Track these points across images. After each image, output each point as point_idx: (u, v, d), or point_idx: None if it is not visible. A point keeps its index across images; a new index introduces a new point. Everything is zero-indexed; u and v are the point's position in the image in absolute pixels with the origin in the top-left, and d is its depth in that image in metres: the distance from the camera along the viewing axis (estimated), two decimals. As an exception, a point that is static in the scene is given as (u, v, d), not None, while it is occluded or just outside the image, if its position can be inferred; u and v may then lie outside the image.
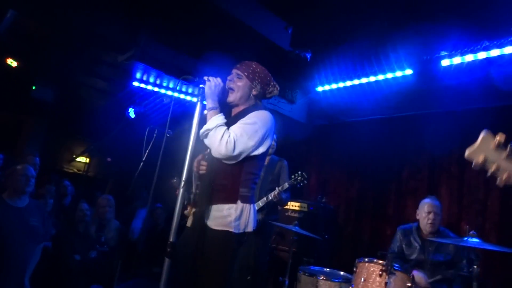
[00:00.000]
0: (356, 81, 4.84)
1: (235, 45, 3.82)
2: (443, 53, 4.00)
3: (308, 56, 3.86)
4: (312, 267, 3.64)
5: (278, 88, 2.37)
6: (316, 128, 5.66)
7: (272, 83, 2.33)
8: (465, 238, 2.78)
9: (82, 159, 9.09)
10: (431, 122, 4.55)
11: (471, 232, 2.81)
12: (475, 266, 2.74)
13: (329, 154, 5.58)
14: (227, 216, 2.03)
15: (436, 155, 4.56)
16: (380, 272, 2.86)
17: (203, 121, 2.10)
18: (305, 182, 3.65)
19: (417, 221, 3.60)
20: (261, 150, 2.12)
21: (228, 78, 2.26)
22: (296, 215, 4.87)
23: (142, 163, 3.22)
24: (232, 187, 2.09)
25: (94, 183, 8.58)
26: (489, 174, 1.49)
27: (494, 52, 3.68)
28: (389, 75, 4.53)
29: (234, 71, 2.27)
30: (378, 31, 3.88)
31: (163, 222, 5.09)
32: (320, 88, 5.23)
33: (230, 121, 2.14)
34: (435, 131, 4.51)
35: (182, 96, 5.59)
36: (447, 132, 4.41)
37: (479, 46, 3.75)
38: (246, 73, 2.24)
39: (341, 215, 5.34)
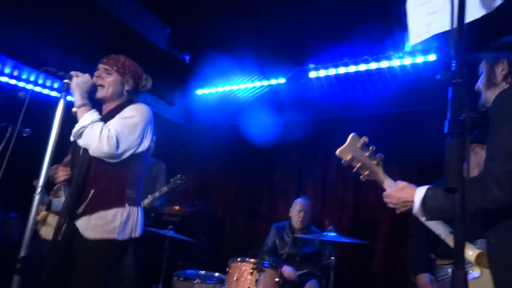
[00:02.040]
0: (234, 86, 5.01)
1: (109, 40, 3.58)
2: (311, 65, 4.42)
3: (187, 58, 3.83)
4: (188, 271, 3.62)
5: (151, 81, 2.25)
6: (194, 130, 5.66)
7: (144, 76, 2.21)
8: (325, 233, 3.12)
9: None
10: (299, 128, 4.95)
11: (330, 227, 3.16)
12: (332, 258, 3.09)
13: (207, 157, 5.63)
14: (111, 222, 1.86)
15: (303, 158, 5.00)
16: (251, 270, 3.01)
17: (68, 120, 1.90)
18: (185, 185, 3.61)
19: (290, 218, 3.93)
20: (146, 145, 2.01)
21: (96, 74, 2.07)
22: (173, 219, 4.78)
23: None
24: (118, 190, 1.93)
25: None
26: (354, 170, 1.72)
27: (352, 68, 4.23)
28: (265, 83, 4.81)
29: (102, 66, 2.09)
30: (257, 37, 4.06)
31: (18, 234, 4.45)
32: (200, 91, 5.26)
33: (102, 120, 1.94)
34: (302, 137, 4.92)
35: (45, 91, 5.00)
36: (312, 137, 4.86)
37: (340, 62, 4.28)
38: (115, 68, 2.08)
39: (218, 216, 5.44)
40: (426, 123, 3.86)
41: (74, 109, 1.91)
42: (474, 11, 1.10)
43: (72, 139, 1.92)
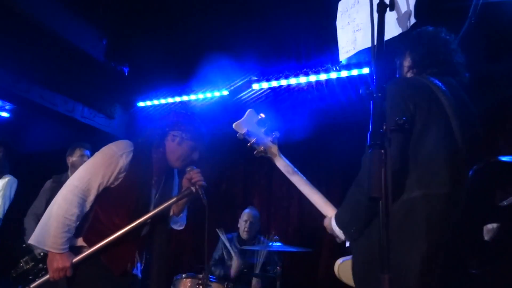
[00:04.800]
0: (177, 98, 4.93)
1: (41, 51, 3.37)
2: (253, 77, 4.49)
3: (126, 70, 3.71)
4: (131, 291, 3.45)
5: None
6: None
7: None
8: (270, 243, 3.14)
9: None
10: (243, 140, 4.98)
11: (275, 237, 3.19)
12: (278, 267, 3.12)
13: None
14: None
15: (248, 169, 5.02)
16: (197, 286, 2.94)
17: None
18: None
19: (238, 229, 3.93)
20: None
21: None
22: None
23: None
24: None
25: None
26: (248, 145, 1.72)
27: (292, 81, 4.36)
28: (208, 95, 4.79)
29: None
30: (198, 51, 4.04)
31: None
32: (141, 104, 5.11)
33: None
34: (248, 148, 4.94)
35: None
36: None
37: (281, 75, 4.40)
38: None
39: (164, 232, 5.27)
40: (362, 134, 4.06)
41: None
42: (392, 30, 1.19)
43: None
